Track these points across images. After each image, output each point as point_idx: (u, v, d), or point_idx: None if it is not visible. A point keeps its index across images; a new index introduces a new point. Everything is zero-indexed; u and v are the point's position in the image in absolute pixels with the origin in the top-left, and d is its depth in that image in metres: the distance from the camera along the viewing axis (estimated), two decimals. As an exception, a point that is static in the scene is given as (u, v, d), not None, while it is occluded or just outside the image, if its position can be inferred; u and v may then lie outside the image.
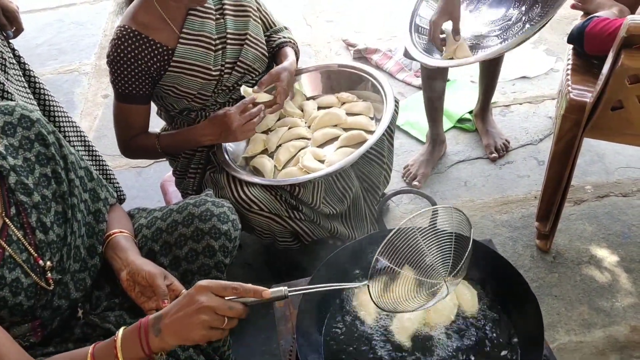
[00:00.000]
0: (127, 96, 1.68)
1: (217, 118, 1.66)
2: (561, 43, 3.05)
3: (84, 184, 1.33)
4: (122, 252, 1.31)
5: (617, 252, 1.99)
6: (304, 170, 1.68)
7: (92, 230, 1.33)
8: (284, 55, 1.87)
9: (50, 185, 1.23)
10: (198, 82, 1.70)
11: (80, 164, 1.34)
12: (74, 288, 1.26)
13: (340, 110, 1.84)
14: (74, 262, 1.26)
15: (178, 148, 1.79)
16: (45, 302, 1.20)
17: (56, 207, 1.23)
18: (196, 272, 1.38)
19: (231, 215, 1.43)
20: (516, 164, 2.41)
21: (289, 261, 2.04)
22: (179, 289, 1.26)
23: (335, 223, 1.84)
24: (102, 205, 1.37)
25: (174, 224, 1.40)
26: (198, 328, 0.96)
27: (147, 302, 1.26)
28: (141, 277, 1.25)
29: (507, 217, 2.18)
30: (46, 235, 1.19)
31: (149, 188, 2.52)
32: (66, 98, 3.22)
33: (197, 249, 1.37)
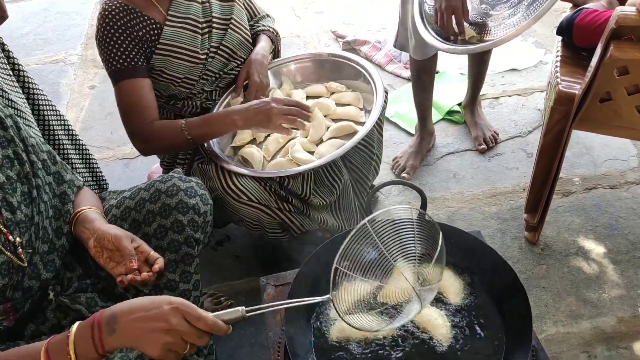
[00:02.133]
0: (126, 71, 1.61)
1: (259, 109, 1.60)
2: (550, 35, 3.05)
3: (47, 167, 1.32)
4: (89, 224, 1.30)
5: (605, 243, 2.00)
6: (293, 161, 1.66)
7: (58, 212, 1.32)
8: (255, 46, 1.87)
9: (14, 167, 1.22)
10: (185, 65, 1.68)
11: (42, 147, 1.33)
12: (43, 269, 1.25)
13: (330, 101, 1.83)
14: (42, 243, 1.25)
15: (206, 136, 1.67)
16: (16, 282, 1.19)
17: (22, 188, 1.22)
18: (166, 249, 1.37)
19: (199, 190, 1.42)
20: (505, 156, 2.41)
21: (278, 253, 2.03)
22: (147, 251, 1.26)
23: (324, 215, 1.83)
24: (67, 187, 1.36)
25: (141, 201, 1.39)
26: (157, 346, 0.92)
27: (116, 267, 1.25)
28: (107, 240, 1.24)
29: (496, 209, 2.19)
30: (14, 215, 1.18)
31: (136, 179, 2.49)
32: (52, 89, 3.17)
33: (165, 225, 1.36)
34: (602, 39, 1.60)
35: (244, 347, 1.83)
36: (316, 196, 1.74)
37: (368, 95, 1.81)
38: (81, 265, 1.38)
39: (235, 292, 1.98)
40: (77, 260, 1.39)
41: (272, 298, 1.36)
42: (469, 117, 2.54)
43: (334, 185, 1.80)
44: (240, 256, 2.12)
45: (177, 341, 0.93)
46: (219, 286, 2.01)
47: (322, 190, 1.77)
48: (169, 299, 0.95)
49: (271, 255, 2.04)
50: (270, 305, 1.02)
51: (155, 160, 2.33)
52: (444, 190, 2.28)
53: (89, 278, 1.37)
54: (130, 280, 1.21)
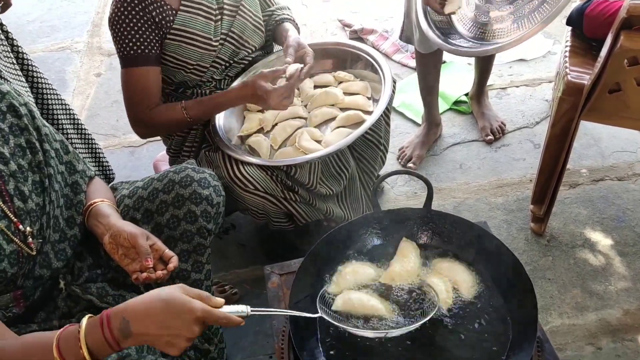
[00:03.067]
0: (139, 57, 1.61)
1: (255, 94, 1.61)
2: (559, 25, 3.01)
3: (59, 156, 1.32)
4: (103, 218, 1.30)
5: (612, 235, 1.99)
6: (300, 150, 1.66)
7: (70, 202, 1.32)
8: (284, 30, 1.84)
9: (26, 156, 1.22)
10: (198, 52, 1.67)
11: (55, 136, 1.33)
12: (54, 258, 1.26)
13: (338, 90, 1.82)
14: (53, 232, 1.25)
15: (208, 114, 1.71)
16: (27, 271, 1.20)
17: (33, 177, 1.22)
18: (179, 239, 1.39)
19: (212, 181, 1.43)
20: (512, 147, 2.40)
21: (283, 242, 2.03)
22: (162, 249, 1.26)
23: (330, 204, 1.82)
24: (79, 177, 1.36)
25: (154, 191, 1.40)
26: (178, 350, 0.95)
27: (131, 264, 1.25)
28: (123, 238, 1.24)
29: (502, 200, 2.18)
30: (25, 204, 1.18)
31: (141, 168, 2.50)
32: (58, 76, 3.17)
33: (178, 215, 1.37)
34: (613, 29, 1.58)
35: (249, 335, 1.83)
36: (323, 186, 1.74)
37: (376, 85, 1.80)
38: (92, 255, 1.38)
39: (240, 281, 1.99)
40: (88, 251, 1.39)
41: (277, 287, 1.36)
42: (475, 107, 2.53)
43: (341, 175, 1.80)
44: (246, 245, 2.12)
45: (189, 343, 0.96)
46: (224, 274, 2.01)
47: (328, 180, 1.76)
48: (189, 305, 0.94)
49: (276, 244, 2.04)
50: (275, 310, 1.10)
51: (161, 148, 2.33)
52: (450, 181, 2.27)
53: (99, 268, 1.38)
54: (145, 278, 1.21)
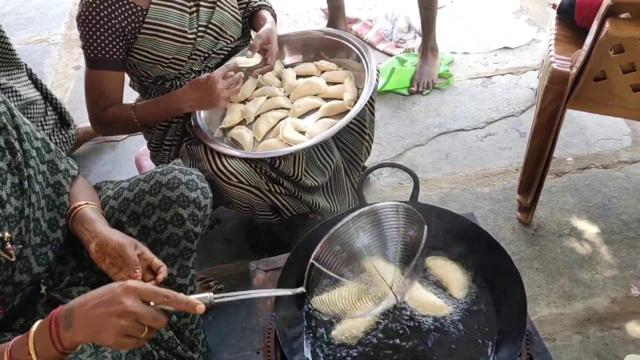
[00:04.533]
0: (100, 61, 1.60)
1: (199, 82, 1.61)
2: (543, 13, 3.01)
3: (40, 155, 1.27)
4: (89, 224, 1.26)
5: (598, 224, 1.99)
6: (284, 142, 1.63)
7: (52, 203, 1.28)
8: (262, 18, 1.81)
9: (5, 157, 1.17)
10: (173, 45, 1.63)
11: (36, 134, 1.28)
12: (35, 262, 1.21)
13: (320, 80, 1.79)
14: (34, 236, 1.21)
15: (156, 117, 1.71)
16: (6, 277, 1.15)
17: (12, 179, 1.17)
18: (165, 242, 1.35)
19: (200, 182, 1.40)
20: (498, 136, 2.39)
21: (269, 236, 2.00)
22: (150, 258, 1.22)
23: (316, 197, 1.80)
24: (61, 177, 1.31)
25: (141, 193, 1.36)
26: (112, 332, 0.87)
27: (118, 274, 1.21)
28: (110, 247, 1.20)
29: (489, 190, 2.17)
30: (3, 209, 1.14)
31: (123, 162, 2.45)
32: (36, 69, 3.05)
33: (165, 218, 1.34)
34: (598, 16, 1.57)
35: (235, 331, 1.81)
36: (308, 177, 1.71)
37: (359, 74, 1.77)
38: (75, 258, 1.34)
39: (226, 276, 1.96)
40: (70, 254, 1.35)
41: (262, 283, 1.33)
42: (419, 62, 2.67)
43: (326, 166, 1.77)
44: (231, 239, 2.09)
45: (133, 324, 0.88)
46: (209, 269, 1.98)
47: (313, 171, 1.73)
48: (122, 282, 0.91)
49: (262, 238, 2.01)
50: (237, 294, 1.00)
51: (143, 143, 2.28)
52: (435, 171, 2.25)
53: (82, 271, 1.33)
54: None
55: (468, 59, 2.80)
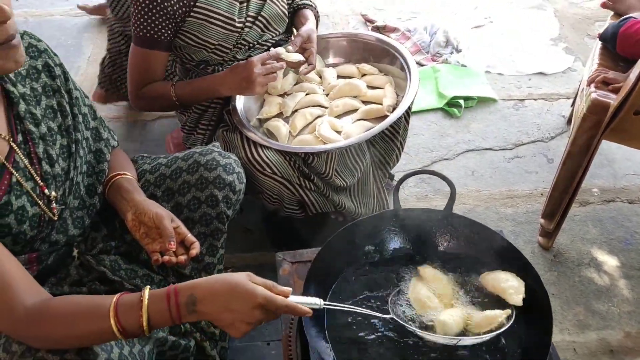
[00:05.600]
0: (148, 40, 1.62)
1: (239, 66, 1.63)
2: (581, 43, 3.01)
3: (86, 122, 1.30)
4: (127, 193, 1.29)
5: (618, 257, 1.99)
6: (319, 139, 1.64)
7: (92, 170, 1.31)
8: (304, 17, 1.83)
9: (56, 118, 1.21)
10: (220, 32, 1.65)
11: (85, 101, 1.32)
12: (72, 225, 1.24)
13: (361, 82, 1.80)
14: (73, 199, 1.24)
15: (194, 97, 1.73)
16: (45, 235, 1.18)
17: (61, 141, 1.21)
18: (197, 221, 1.38)
19: (237, 167, 1.42)
20: (525, 159, 2.39)
21: (290, 231, 2.01)
22: (185, 233, 1.25)
23: (342, 197, 1.81)
24: (103, 145, 1.34)
25: (178, 170, 1.39)
26: (240, 332, 0.98)
27: (150, 244, 1.25)
28: (148, 217, 1.23)
29: (512, 211, 2.17)
30: (52, 168, 1.17)
31: (152, 143, 2.47)
32: (74, 42, 3.14)
33: (200, 198, 1.36)
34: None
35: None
36: (337, 177, 1.72)
37: (400, 82, 1.79)
38: (107, 226, 1.37)
39: (243, 265, 1.97)
40: (103, 222, 1.38)
41: (288, 274, 1.34)
42: None
43: (356, 168, 1.78)
44: (252, 230, 2.10)
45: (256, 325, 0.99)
46: (227, 257, 1.97)
47: (343, 172, 1.75)
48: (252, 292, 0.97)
49: (283, 233, 2.02)
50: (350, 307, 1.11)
51: (173, 125, 2.31)
52: (461, 187, 2.26)
53: (113, 240, 1.36)
54: (166, 261, 1.21)
55: (502, 80, 2.81)
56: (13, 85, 1.14)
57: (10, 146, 1.12)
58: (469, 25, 3.18)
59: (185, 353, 1.30)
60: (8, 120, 1.13)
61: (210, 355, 1.42)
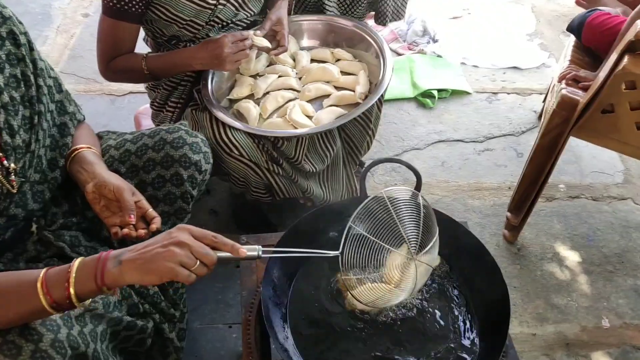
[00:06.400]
0: (118, 11, 1.56)
1: (211, 42, 1.59)
2: (556, 40, 3.04)
3: (51, 94, 1.27)
4: (88, 165, 1.26)
5: (580, 253, 2.02)
6: (290, 123, 1.62)
7: (55, 143, 1.27)
8: None
9: (19, 88, 1.17)
10: (193, 8, 1.61)
11: (50, 73, 1.28)
12: (31, 199, 1.21)
13: (335, 67, 1.78)
14: (34, 172, 1.20)
15: (166, 70, 1.69)
16: (2, 209, 1.15)
17: (24, 112, 1.17)
18: (161, 200, 1.36)
19: (204, 147, 1.40)
20: (495, 153, 2.41)
21: (257, 214, 2.00)
22: (146, 207, 1.22)
23: (311, 183, 1.80)
24: (68, 119, 1.31)
25: (144, 147, 1.36)
26: (167, 260, 0.90)
27: (110, 217, 1.21)
28: (108, 190, 1.20)
29: (479, 203, 2.18)
30: (12, 139, 1.13)
31: (121, 118, 2.43)
32: (42, 10, 3.05)
33: (165, 176, 1.34)
34: (617, 49, 1.59)
35: (210, 303, 1.80)
36: (307, 162, 1.71)
37: (374, 69, 1.77)
38: (68, 202, 1.33)
39: (208, 247, 1.95)
40: (64, 197, 1.34)
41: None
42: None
43: (326, 154, 1.77)
44: (218, 212, 2.08)
45: (187, 254, 0.91)
46: (192, 238, 1.97)
47: (313, 157, 1.73)
48: (177, 225, 0.96)
49: (249, 216, 2.00)
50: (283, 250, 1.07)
51: (144, 101, 2.26)
52: (430, 177, 2.26)
53: (74, 216, 1.33)
54: (125, 234, 1.18)
55: (477, 72, 2.82)
56: None
57: None
58: (447, 16, 3.18)
59: (142, 334, 1.27)
60: None
61: (169, 337, 1.40)
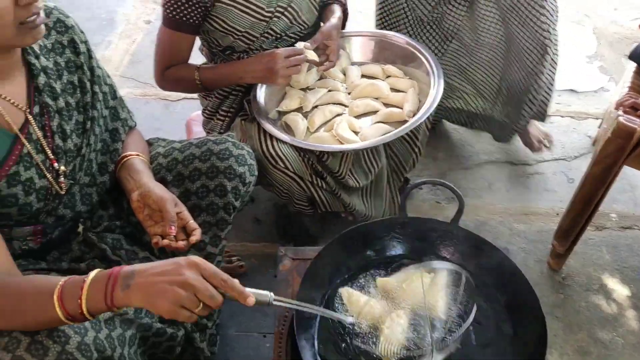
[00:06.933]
0: (176, 22, 1.62)
1: (264, 56, 1.62)
2: (617, 63, 2.94)
3: (106, 100, 1.32)
4: (136, 174, 1.30)
5: (629, 286, 1.95)
6: (336, 138, 1.63)
7: (106, 148, 1.32)
8: (330, 12, 1.81)
9: (75, 94, 1.23)
10: (248, 20, 1.64)
11: (107, 80, 1.34)
12: (80, 201, 1.26)
13: (384, 84, 1.79)
14: (84, 175, 1.25)
15: (218, 82, 1.73)
16: (51, 208, 1.20)
17: (77, 117, 1.23)
18: (204, 209, 1.38)
19: (249, 159, 1.42)
20: (545, 177, 2.35)
21: (299, 225, 2.01)
22: (187, 218, 1.24)
23: (354, 198, 1.80)
24: (120, 125, 1.36)
25: (191, 157, 1.39)
26: (169, 300, 0.89)
27: (153, 227, 1.24)
28: (152, 200, 1.23)
29: (525, 228, 2.13)
30: (64, 142, 1.18)
31: (174, 123, 2.49)
32: (108, 16, 3.18)
33: (209, 186, 1.37)
34: (679, 79, 1.53)
35: (247, 311, 1.82)
36: (351, 177, 1.72)
37: (424, 87, 1.76)
38: (115, 206, 1.38)
39: (249, 255, 1.98)
40: (112, 201, 1.39)
41: (287, 270, 1.34)
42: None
43: (370, 170, 1.77)
44: (261, 220, 2.11)
45: (190, 297, 0.90)
46: (234, 245, 2.00)
47: (357, 172, 1.74)
48: (188, 257, 0.94)
49: (291, 226, 2.02)
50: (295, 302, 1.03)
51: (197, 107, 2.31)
52: (476, 198, 2.23)
53: (119, 220, 1.38)
54: (165, 244, 1.20)
55: (531, 93, 2.76)
56: (36, 58, 1.16)
57: (26, 117, 1.14)
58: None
59: (171, 342, 1.29)
60: (28, 91, 1.15)
61: (200, 347, 1.42)
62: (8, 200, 1.10)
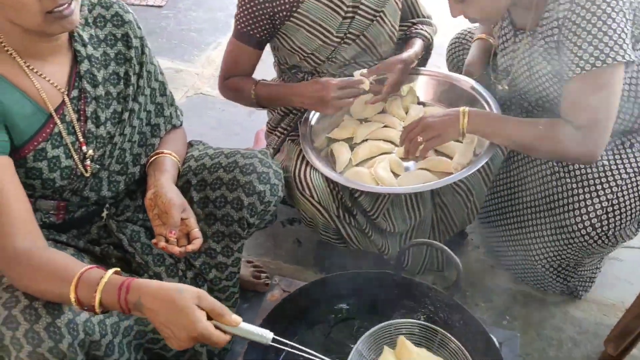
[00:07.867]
0: (243, 35, 1.67)
1: (318, 84, 1.61)
2: None
3: (153, 96, 1.37)
4: (158, 172, 1.34)
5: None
6: (373, 177, 1.57)
7: (144, 141, 1.37)
8: (409, 45, 1.76)
9: (118, 85, 1.28)
10: (316, 42, 1.64)
11: (158, 77, 1.39)
12: (106, 186, 1.31)
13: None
14: (115, 163, 1.31)
15: (271, 101, 1.74)
16: (77, 188, 1.26)
17: (116, 107, 1.27)
18: (219, 219, 1.39)
19: (273, 178, 1.41)
20: (624, 264, 2.09)
21: (337, 256, 1.95)
22: (192, 226, 1.26)
23: (390, 242, 1.73)
24: (162, 122, 1.41)
25: (217, 165, 1.41)
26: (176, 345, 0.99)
27: (160, 227, 1.27)
28: (161, 201, 1.26)
29: (582, 315, 1.90)
30: (97, 128, 1.24)
31: (251, 131, 2.53)
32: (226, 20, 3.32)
33: (227, 197, 1.37)
34: None
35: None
36: (386, 220, 1.65)
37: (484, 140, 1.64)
38: (142, 198, 1.41)
39: (279, 273, 1.95)
40: (141, 193, 1.44)
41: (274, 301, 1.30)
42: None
43: (411, 215, 1.69)
44: (302, 242, 2.08)
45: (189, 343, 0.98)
46: (268, 260, 2.00)
47: (395, 215, 1.66)
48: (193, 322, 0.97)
49: (327, 254, 1.97)
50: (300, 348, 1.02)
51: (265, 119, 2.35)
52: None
53: (143, 213, 1.42)
54: (163, 247, 1.23)
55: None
56: (83, 46, 1.23)
57: (63, 99, 1.20)
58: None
59: None
60: (70, 76, 1.22)
61: (198, 351, 1.43)
62: (32, 172, 1.17)
